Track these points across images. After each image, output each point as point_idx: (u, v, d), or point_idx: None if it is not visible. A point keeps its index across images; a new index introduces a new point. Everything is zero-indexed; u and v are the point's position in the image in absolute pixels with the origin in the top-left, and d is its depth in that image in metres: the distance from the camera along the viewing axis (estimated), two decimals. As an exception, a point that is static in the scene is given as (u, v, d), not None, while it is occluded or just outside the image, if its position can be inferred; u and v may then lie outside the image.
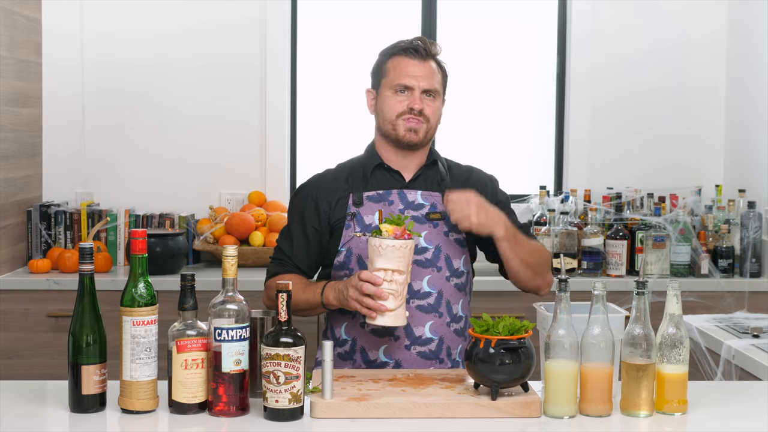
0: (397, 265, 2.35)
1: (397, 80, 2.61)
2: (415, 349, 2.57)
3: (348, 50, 4.64)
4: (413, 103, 2.59)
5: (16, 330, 3.91)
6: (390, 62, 2.64)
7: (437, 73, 2.64)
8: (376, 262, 2.36)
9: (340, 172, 2.70)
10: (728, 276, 4.14)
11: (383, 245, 2.34)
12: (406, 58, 2.62)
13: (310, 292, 2.55)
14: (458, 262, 2.63)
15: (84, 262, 2.11)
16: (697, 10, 4.60)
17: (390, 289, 2.35)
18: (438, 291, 2.59)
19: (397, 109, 2.60)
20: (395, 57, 2.64)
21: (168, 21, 4.47)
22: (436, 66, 2.65)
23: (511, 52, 4.69)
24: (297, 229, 2.68)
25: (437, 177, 2.67)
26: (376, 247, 2.35)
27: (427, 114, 2.60)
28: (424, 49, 2.62)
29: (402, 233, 2.36)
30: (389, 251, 2.34)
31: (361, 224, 2.60)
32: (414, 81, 2.60)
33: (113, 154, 4.48)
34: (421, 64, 2.61)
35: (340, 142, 4.60)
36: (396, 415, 2.09)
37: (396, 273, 2.35)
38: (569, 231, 4.15)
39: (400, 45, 2.65)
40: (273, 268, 2.70)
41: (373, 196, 2.63)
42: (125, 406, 2.10)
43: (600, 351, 2.09)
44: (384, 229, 2.37)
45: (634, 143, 4.62)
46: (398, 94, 2.61)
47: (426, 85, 2.60)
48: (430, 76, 2.61)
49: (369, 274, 2.36)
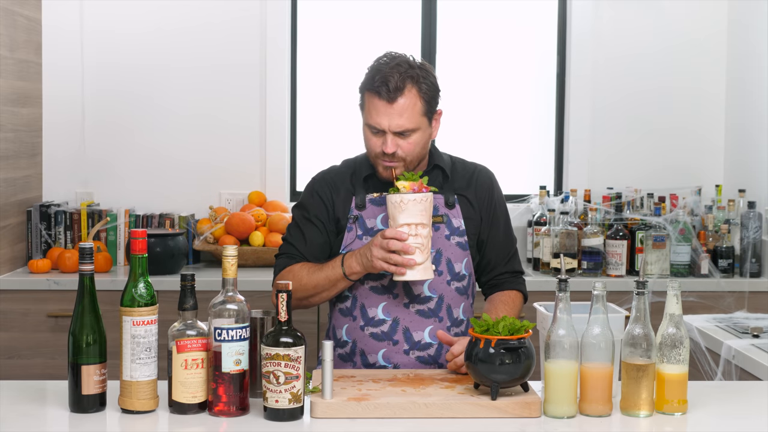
0: (419, 218, 2.37)
1: (368, 120, 2.54)
2: (414, 353, 2.56)
3: (348, 50, 4.64)
4: (385, 147, 2.52)
5: (16, 330, 3.91)
6: (366, 96, 2.56)
7: (413, 107, 2.50)
8: (398, 218, 2.38)
9: (345, 171, 2.68)
10: (728, 276, 4.14)
11: (405, 200, 2.37)
12: (376, 98, 2.51)
13: (328, 268, 2.53)
14: (460, 265, 2.62)
15: (84, 262, 2.11)
16: (697, 10, 4.60)
17: (416, 243, 2.37)
18: (438, 295, 2.58)
19: (374, 150, 2.55)
20: (368, 93, 2.54)
21: (168, 21, 4.47)
22: (412, 97, 2.50)
23: (510, 52, 4.69)
24: (305, 223, 2.65)
25: (438, 179, 2.66)
26: (397, 204, 2.38)
27: (402, 154, 2.53)
28: (392, 88, 2.48)
29: (420, 187, 2.39)
30: (411, 205, 2.37)
31: (363, 227, 2.59)
32: (384, 123, 2.50)
33: (113, 154, 4.48)
34: (389, 105, 2.49)
35: (340, 142, 4.60)
36: (396, 415, 2.09)
37: (419, 227, 2.37)
38: (569, 231, 4.15)
39: (374, 79, 2.51)
40: (281, 262, 2.65)
41: (376, 199, 2.62)
42: (125, 406, 2.10)
43: (600, 351, 2.09)
44: (401, 186, 2.39)
45: (634, 143, 4.62)
46: (372, 132, 2.54)
47: (396, 127, 2.50)
48: (402, 116, 2.49)
49: (394, 231, 2.37)
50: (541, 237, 4.23)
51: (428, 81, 2.54)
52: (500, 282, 2.71)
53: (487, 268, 2.71)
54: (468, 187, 2.67)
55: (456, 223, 2.62)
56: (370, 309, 2.57)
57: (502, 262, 2.71)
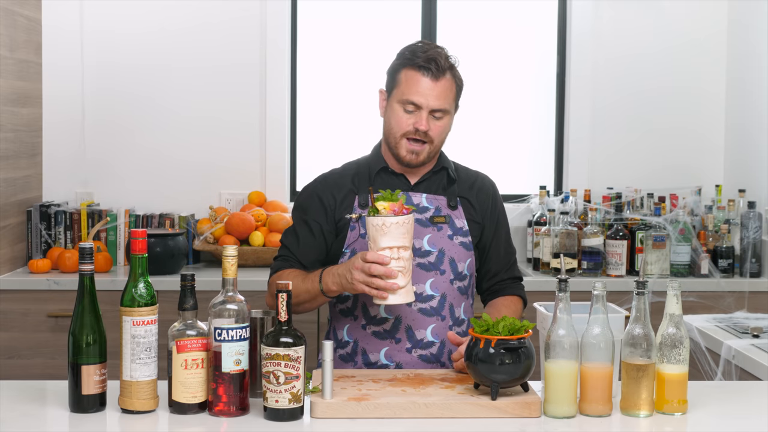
0: (401, 241, 2.32)
1: (406, 95, 2.51)
2: (417, 352, 2.56)
3: (348, 50, 4.64)
4: (419, 124, 2.51)
5: (16, 330, 3.91)
6: (404, 73, 2.53)
7: (451, 90, 2.55)
8: (380, 241, 2.31)
9: (346, 172, 2.67)
10: (728, 276, 4.14)
11: (387, 223, 2.30)
12: (419, 74, 2.51)
13: (309, 282, 2.51)
14: (462, 265, 2.62)
15: (84, 262, 2.11)
16: (697, 10, 4.60)
17: (398, 267, 2.31)
18: (441, 294, 2.58)
19: (403, 127, 2.53)
20: (409, 69, 2.52)
21: (168, 21, 4.47)
22: (451, 80, 2.55)
23: (511, 52, 4.69)
24: (302, 227, 2.64)
25: (443, 181, 2.65)
26: (378, 227, 2.31)
27: (432, 135, 2.54)
28: (440, 66, 2.51)
29: (400, 208, 2.33)
30: (393, 228, 2.31)
31: (366, 226, 2.58)
32: (423, 100, 2.50)
33: (113, 154, 4.48)
34: (435, 83, 2.51)
35: (340, 142, 4.61)
36: (396, 415, 2.08)
37: (401, 249, 2.32)
38: (569, 231, 4.15)
39: (417, 56, 2.52)
40: (276, 265, 2.65)
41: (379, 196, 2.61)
42: (125, 406, 2.10)
43: (600, 351, 2.09)
44: (381, 207, 2.32)
45: (634, 143, 4.62)
46: (406, 110, 2.53)
47: (436, 105, 2.51)
48: (441, 96, 2.52)
49: (376, 255, 2.31)
50: (541, 237, 4.23)
51: (459, 73, 2.61)
52: (501, 288, 2.72)
53: (488, 276, 2.72)
54: (470, 190, 2.67)
55: (459, 224, 2.62)
56: (372, 308, 2.57)
57: (503, 270, 2.72)
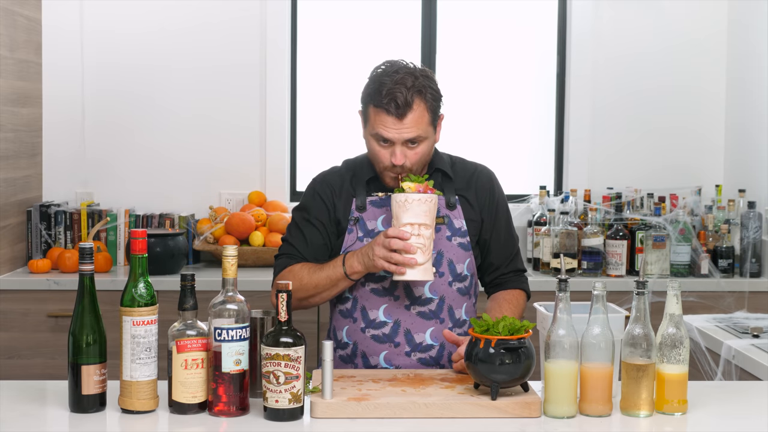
0: (423, 218, 2.36)
1: (376, 130, 2.50)
2: (416, 355, 2.56)
3: (348, 50, 4.64)
4: (394, 158, 2.50)
5: (16, 330, 3.91)
6: (371, 109, 2.51)
7: (422, 117, 2.49)
8: (402, 217, 2.37)
9: (345, 172, 2.67)
10: (728, 276, 4.14)
11: (409, 199, 2.36)
12: (383, 113, 2.47)
13: (329, 268, 2.52)
14: (462, 266, 2.61)
15: (84, 262, 2.11)
16: (697, 10, 4.60)
17: (418, 243, 2.36)
18: (440, 297, 2.58)
19: (381, 161, 2.53)
20: (375, 108, 2.49)
21: (168, 21, 4.47)
22: (421, 107, 2.48)
23: (511, 52, 4.69)
24: (306, 224, 2.63)
25: (438, 181, 2.65)
26: (401, 203, 2.37)
27: (410, 164, 2.52)
28: (401, 104, 2.45)
29: (425, 189, 2.38)
30: (415, 205, 2.36)
31: (363, 229, 2.58)
32: (394, 135, 2.48)
33: (113, 154, 4.48)
34: (399, 121, 2.47)
35: (340, 142, 4.60)
36: (396, 415, 2.09)
37: (422, 227, 2.37)
38: (569, 231, 4.15)
39: (379, 94, 2.47)
40: (282, 262, 2.63)
41: (376, 200, 2.61)
42: (125, 406, 2.10)
43: (600, 351, 2.09)
44: (406, 186, 2.38)
45: (634, 143, 4.62)
46: (380, 144, 2.52)
47: (408, 136, 2.48)
48: (412, 127, 2.47)
49: (396, 230, 2.36)
50: (541, 237, 4.23)
51: (432, 90, 2.52)
52: (503, 281, 2.72)
53: (490, 268, 2.71)
54: (468, 188, 2.67)
55: (457, 224, 2.62)
56: (371, 311, 2.56)
57: (505, 262, 2.71)
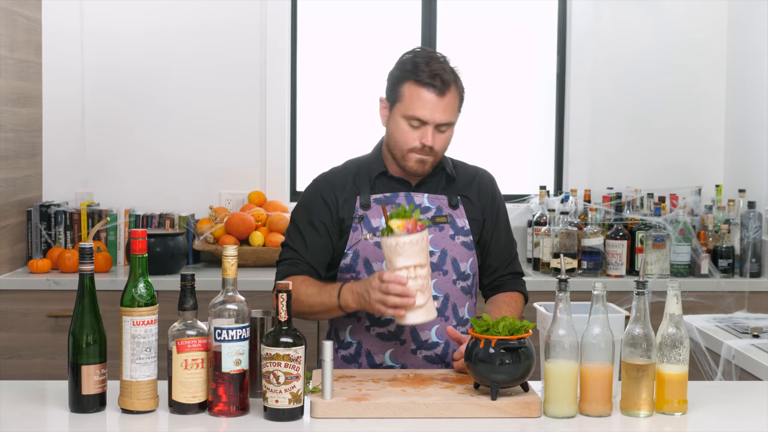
0: (417, 259, 2.26)
1: (411, 111, 2.47)
2: (422, 353, 2.56)
3: (348, 50, 4.64)
4: (425, 139, 2.48)
5: (16, 330, 3.91)
6: (407, 87, 2.48)
7: (455, 102, 2.51)
8: (396, 261, 2.26)
9: (348, 171, 2.65)
10: (728, 276, 4.14)
11: (400, 243, 2.24)
12: (423, 90, 2.46)
13: (326, 294, 2.47)
14: (465, 264, 2.61)
15: (84, 262, 2.11)
16: (697, 10, 4.60)
17: (416, 285, 2.26)
18: (444, 294, 2.57)
19: (409, 142, 2.50)
20: (413, 84, 2.47)
21: (168, 21, 4.47)
22: (455, 92, 2.51)
23: (511, 52, 4.69)
24: (307, 226, 2.60)
25: (442, 181, 2.64)
26: (392, 247, 2.25)
27: (438, 148, 2.52)
28: (445, 81, 2.47)
29: (414, 226, 2.26)
30: (407, 248, 2.25)
31: (368, 227, 2.57)
32: (429, 116, 2.47)
33: (113, 154, 4.48)
34: (440, 98, 2.47)
35: (340, 142, 4.61)
36: (396, 415, 2.09)
37: (418, 268, 2.26)
38: (569, 231, 4.15)
39: (420, 71, 2.47)
40: (284, 269, 2.61)
41: (380, 198, 2.60)
42: (125, 406, 2.10)
43: (600, 351, 2.09)
44: (394, 225, 2.26)
45: (634, 143, 4.62)
46: (411, 125, 2.50)
47: (441, 119, 2.48)
48: (447, 110, 2.48)
49: (392, 275, 2.26)
50: (541, 237, 4.23)
51: (461, 82, 2.56)
52: (501, 284, 2.71)
53: (488, 271, 2.71)
54: (470, 188, 2.66)
55: (460, 223, 2.61)
56: None
57: (503, 265, 2.71)
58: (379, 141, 2.68)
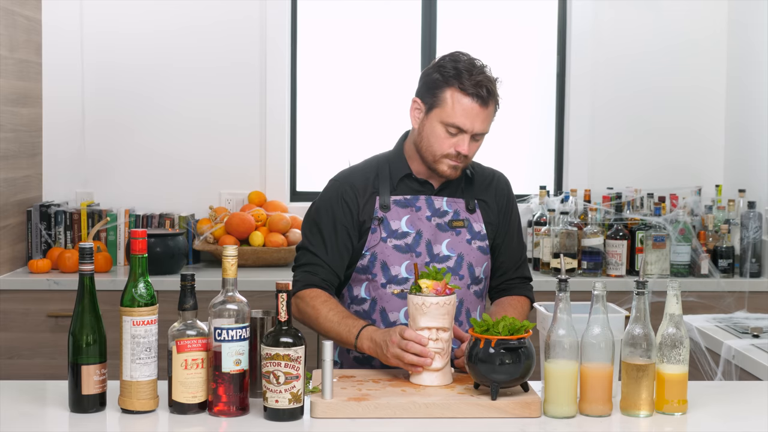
0: (441, 322, 2.24)
1: (452, 119, 2.47)
2: None
3: (348, 50, 4.64)
4: (461, 147, 2.48)
5: (16, 330, 3.91)
6: (449, 94, 2.48)
7: (493, 113, 2.53)
8: (419, 320, 2.25)
9: (368, 171, 2.61)
10: (728, 276, 4.14)
11: (427, 303, 2.23)
12: (467, 99, 2.47)
13: (344, 329, 2.43)
14: (479, 269, 2.60)
15: (84, 262, 2.11)
16: (697, 10, 4.60)
17: (436, 348, 2.24)
18: (459, 300, 2.56)
19: (445, 149, 2.49)
20: (457, 92, 2.47)
21: (168, 21, 4.47)
22: (495, 104, 2.53)
23: (511, 52, 4.68)
24: (328, 228, 2.56)
25: (461, 183, 2.63)
26: (418, 306, 2.24)
27: (471, 156, 2.53)
28: (490, 92, 2.49)
29: (443, 289, 2.25)
30: (433, 309, 2.24)
31: (387, 229, 2.54)
32: (470, 125, 2.47)
33: (113, 154, 4.48)
34: (482, 109, 2.48)
35: (341, 142, 4.61)
36: (396, 415, 2.09)
37: (441, 331, 2.25)
38: (569, 231, 4.15)
39: (464, 78, 2.47)
40: (304, 278, 2.56)
41: (401, 200, 2.57)
42: (125, 406, 2.10)
43: (600, 351, 2.09)
44: (423, 285, 2.25)
45: (634, 143, 4.62)
46: (449, 131, 2.49)
47: (480, 129, 2.49)
48: (486, 121, 2.50)
49: (414, 334, 2.25)
50: (541, 237, 4.23)
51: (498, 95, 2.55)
52: (509, 287, 2.70)
53: (497, 273, 2.70)
54: (487, 192, 2.66)
55: (477, 228, 2.61)
56: (391, 313, 2.54)
57: (513, 267, 2.70)
58: (401, 138, 2.65)
